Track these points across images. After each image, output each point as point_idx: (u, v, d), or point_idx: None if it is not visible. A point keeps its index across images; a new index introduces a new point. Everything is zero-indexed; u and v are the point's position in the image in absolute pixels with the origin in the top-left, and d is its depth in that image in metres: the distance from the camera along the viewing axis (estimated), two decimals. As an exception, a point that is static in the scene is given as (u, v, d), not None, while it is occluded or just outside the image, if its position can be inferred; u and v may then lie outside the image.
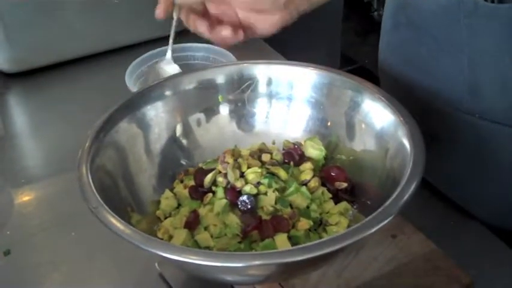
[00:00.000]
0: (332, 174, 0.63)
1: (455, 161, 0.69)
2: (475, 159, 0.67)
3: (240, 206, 0.59)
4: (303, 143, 0.67)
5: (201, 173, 0.63)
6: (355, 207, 0.62)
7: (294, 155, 0.65)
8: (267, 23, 0.64)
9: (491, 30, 0.61)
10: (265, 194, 0.60)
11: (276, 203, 0.59)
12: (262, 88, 0.69)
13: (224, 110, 0.70)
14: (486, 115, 0.64)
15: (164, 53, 0.79)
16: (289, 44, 1.06)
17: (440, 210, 0.69)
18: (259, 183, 0.61)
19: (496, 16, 0.60)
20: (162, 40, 1.03)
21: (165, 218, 0.62)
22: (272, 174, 0.62)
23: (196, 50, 0.90)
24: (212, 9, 0.65)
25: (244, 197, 0.59)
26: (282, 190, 0.61)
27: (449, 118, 0.66)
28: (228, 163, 0.62)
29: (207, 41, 0.70)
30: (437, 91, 0.67)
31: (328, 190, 0.62)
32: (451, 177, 0.70)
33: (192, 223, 0.59)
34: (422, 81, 0.69)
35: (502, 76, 0.62)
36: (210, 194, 0.62)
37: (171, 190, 0.64)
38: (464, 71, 0.64)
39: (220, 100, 0.69)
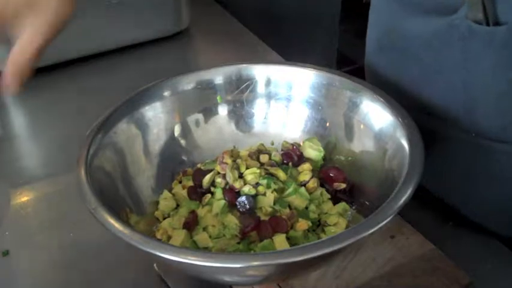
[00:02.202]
0: (331, 174, 0.63)
1: (452, 173, 0.67)
2: (471, 173, 0.65)
3: (238, 207, 0.59)
4: (301, 143, 0.67)
5: (200, 173, 0.63)
6: (353, 207, 0.62)
7: (292, 156, 0.65)
8: None
9: (487, 54, 0.58)
10: (264, 194, 0.60)
11: (274, 204, 0.59)
12: (260, 89, 0.69)
13: (223, 110, 0.69)
14: (482, 133, 0.62)
15: None
16: (287, 44, 1.06)
17: (439, 212, 0.69)
18: (257, 184, 0.61)
19: (492, 40, 0.57)
20: (162, 40, 1.04)
21: (164, 218, 0.62)
22: (271, 175, 0.62)
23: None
24: None
25: (243, 198, 0.59)
26: (280, 191, 0.61)
27: (444, 135, 0.64)
28: (227, 164, 0.62)
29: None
30: (430, 110, 0.64)
31: (327, 191, 0.63)
32: (447, 187, 0.68)
33: (191, 224, 0.59)
34: (413, 101, 0.66)
35: (498, 96, 0.60)
36: (209, 195, 0.62)
37: (170, 191, 0.64)
38: (458, 91, 0.62)
39: (218, 101, 0.69)
